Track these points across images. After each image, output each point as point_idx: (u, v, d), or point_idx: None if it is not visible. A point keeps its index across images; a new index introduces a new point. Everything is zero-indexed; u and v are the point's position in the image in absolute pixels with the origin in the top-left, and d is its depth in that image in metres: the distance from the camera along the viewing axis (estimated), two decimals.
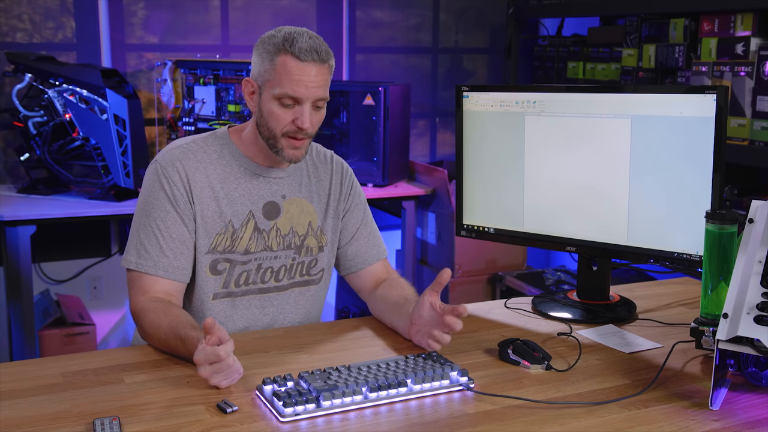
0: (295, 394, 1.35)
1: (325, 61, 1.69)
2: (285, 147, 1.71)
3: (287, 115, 1.69)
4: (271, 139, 1.72)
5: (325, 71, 1.70)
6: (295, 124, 1.69)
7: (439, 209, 3.76)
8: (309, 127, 1.69)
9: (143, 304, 1.66)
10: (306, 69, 1.66)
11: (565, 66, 3.93)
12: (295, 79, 1.66)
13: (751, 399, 1.44)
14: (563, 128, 1.89)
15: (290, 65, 1.66)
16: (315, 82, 1.67)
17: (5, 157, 3.48)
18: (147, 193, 1.74)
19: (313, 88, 1.67)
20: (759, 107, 2.67)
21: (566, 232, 1.93)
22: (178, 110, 3.60)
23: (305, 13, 3.97)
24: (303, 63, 1.66)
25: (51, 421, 1.31)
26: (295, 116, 1.68)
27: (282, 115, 1.69)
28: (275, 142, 1.72)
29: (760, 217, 1.44)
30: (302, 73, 1.66)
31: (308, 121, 1.68)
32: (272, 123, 1.70)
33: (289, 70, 1.66)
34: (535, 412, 1.38)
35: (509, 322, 1.86)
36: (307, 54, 1.66)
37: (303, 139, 1.71)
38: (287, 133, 1.70)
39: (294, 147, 1.71)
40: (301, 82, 1.66)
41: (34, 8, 3.47)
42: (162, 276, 1.70)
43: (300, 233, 1.83)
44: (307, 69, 1.66)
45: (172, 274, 1.71)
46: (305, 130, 1.69)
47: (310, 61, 1.66)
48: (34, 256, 3.37)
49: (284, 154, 1.72)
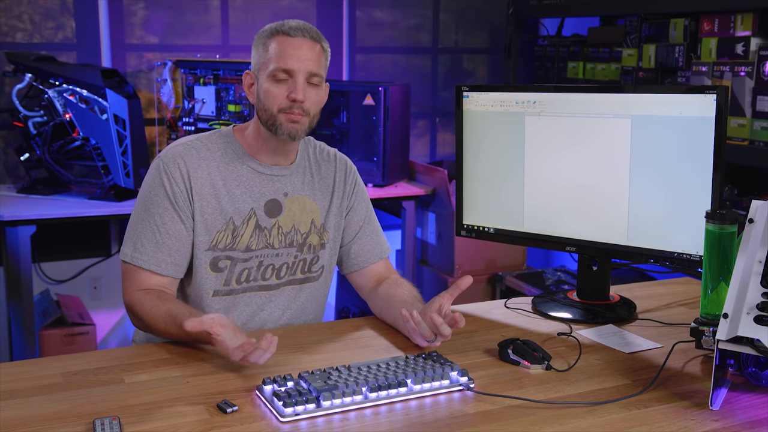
0: (295, 394, 1.35)
1: (316, 40, 1.74)
2: (283, 122, 1.73)
3: (281, 90, 1.72)
4: (270, 119, 1.74)
5: (318, 50, 1.74)
6: (289, 98, 1.71)
7: (439, 209, 3.76)
8: (303, 98, 1.71)
9: (137, 296, 1.70)
10: (296, 43, 1.71)
11: (565, 66, 3.92)
12: (286, 53, 1.71)
13: (751, 399, 1.44)
14: (563, 128, 1.88)
15: (281, 42, 1.72)
16: (306, 56, 1.71)
17: (5, 157, 3.48)
18: (148, 188, 1.76)
19: (305, 61, 1.71)
20: (759, 107, 2.67)
21: (566, 232, 1.93)
22: (178, 110, 3.60)
23: (305, 12, 3.97)
24: (293, 38, 1.72)
25: (51, 421, 1.31)
26: (289, 90, 1.71)
27: (276, 92, 1.72)
28: (274, 121, 1.73)
29: (760, 217, 1.44)
30: (293, 47, 1.71)
31: (301, 92, 1.71)
32: (269, 102, 1.73)
33: (281, 46, 1.72)
34: (535, 412, 1.38)
35: (509, 322, 1.86)
36: (297, 31, 1.72)
37: (300, 115, 1.73)
38: (284, 109, 1.72)
39: (291, 121, 1.73)
40: (292, 55, 1.71)
41: (34, 8, 3.47)
42: (156, 271, 1.72)
43: (302, 231, 1.83)
44: (297, 43, 1.71)
45: (166, 270, 1.73)
46: (299, 103, 1.71)
47: (300, 37, 1.72)
48: (34, 256, 3.37)
49: (282, 129, 1.73)
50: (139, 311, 1.67)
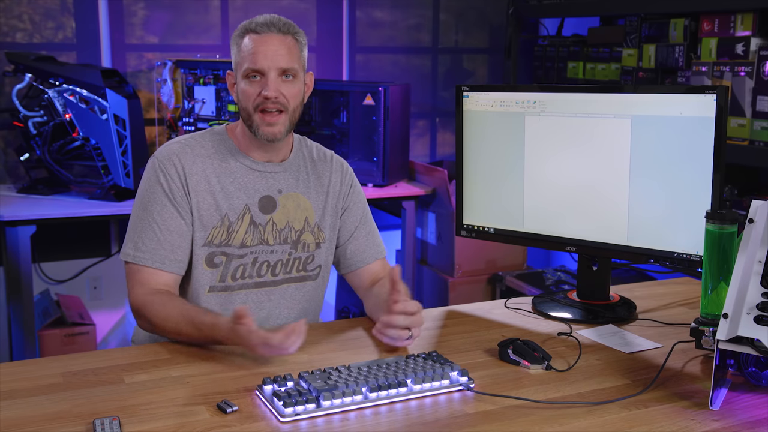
0: (295, 394, 1.35)
1: (285, 33, 1.74)
2: (259, 124, 1.75)
3: (254, 88, 1.74)
4: (248, 119, 1.76)
5: (289, 42, 1.74)
6: (261, 95, 1.72)
7: (439, 209, 3.76)
8: (274, 94, 1.72)
9: (143, 298, 1.69)
10: (264, 39, 1.72)
11: (565, 66, 3.93)
12: (255, 51, 1.72)
13: (751, 399, 1.44)
14: (563, 128, 1.89)
15: (251, 41, 1.73)
16: (275, 52, 1.72)
17: (5, 157, 3.48)
18: (145, 187, 1.77)
19: (273, 57, 1.72)
20: (759, 107, 2.67)
21: (566, 232, 1.93)
22: (178, 110, 3.60)
23: (305, 12, 3.97)
24: (260, 35, 1.72)
25: (51, 421, 1.31)
26: (261, 88, 1.73)
27: (249, 90, 1.74)
28: (251, 122, 1.75)
29: (760, 217, 1.44)
30: (261, 44, 1.72)
31: (273, 88, 1.72)
32: (244, 101, 1.75)
33: (250, 45, 1.73)
34: (535, 412, 1.38)
35: (509, 322, 1.86)
36: (263, 27, 1.73)
37: (276, 114, 1.74)
38: (258, 106, 1.73)
39: (267, 123, 1.74)
40: (261, 53, 1.72)
41: (34, 8, 3.47)
42: (159, 268, 1.72)
43: (296, 228, 1.84)
44: (265, 39, 1.72)
45: (170, 267, 1.73)
46: (271, 99, 1.72)
47: (267, 32, 1.72)
48: (34, 256, 3.37)
49: (260, 132, 1.75)
50: (148, 312, 1.67)
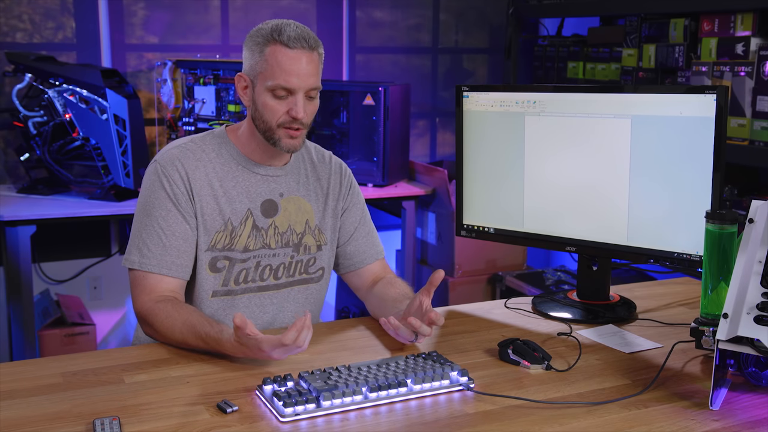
0: (295, 394, 1.35)
1: (314, 48, 1.71)
2: (282, 137, 1.74)
3: (281, 106, 1.71)
4: (268, 131, 1.74)
5: (315, 59, 1.72)
6: (289, 114, 1.71)
7: (439, 209, 3.76)
8: (303, 116, 1.71)
9: (150, 305, 1.67)
10: (296, 57, 1.68)
11: (565, 66, 3.92)
12: (286, 70, 1.68)
13: (751, 399, 1.44)
14: (563, 128, 1.88)
15: (280, 54, 1.68)
16: (306, 71, 1.70)
17: (5, 157, 3.48)
18: (147, 192, 1.75)
19: (305, 77, 1.70)
20: (759, 107, 2.67)
21: (566, 232, 1.93)
22: (178, 110, 3.60)
23: (305, 12, 3.97)
24: (292, 50, 1.68)
25: (51, 421, 1.31)
26: (289, 107, 1.71)
27: (276, 107, 1.71)
28: (272, 134, 1.74)
29: (760, 217, 1.44)
30: (293, 63, 1.68)
31: (302, 111, 1.71)
32: (267, 115, 1.72)
33: (280, 60, 1.68)
34: (535, 412, 1.38)
35: (509, 322, 1.86)
36: (295, 42, 1.68)
37: (299, 129, 1.73)
38: (283, 123, 1.72)
39: (291, 137, 1.74)
40: (293, 72, 1.68)
41: (34, 8, 3.47)
42: (166, 274, 1.71)
43: (298, 231, 1.84)
44: (297, 57, 1.69)
45: (176, 272, 1.72)
46: (300, 120, 1.71)
47: (299, 48, 1.69)
48: (34, 256, 3.37)
49: (282, 144, 1.74)
50: (154, 321, 1.65)
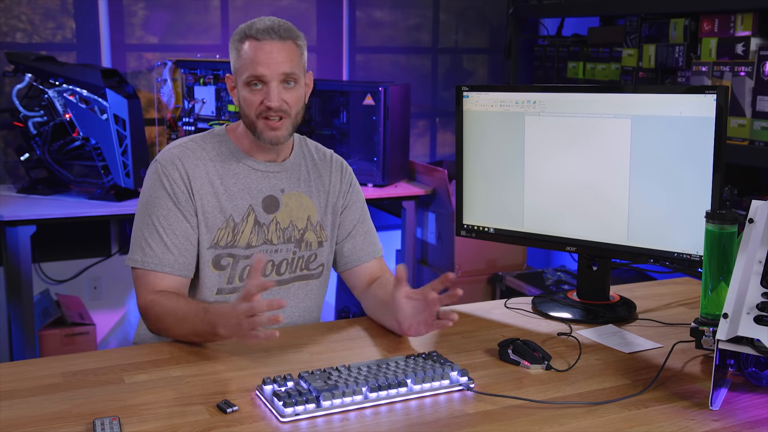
0: (295, 394, 1.35)
1: (285, 38, 1.74)
2: (263, 129, 1.76)
3: (257, 96, 1.74)
4: (251, 125, 1.77)
5: (289, 48, 1.74)
6: (263, 104, 1.73)
7: (439, 209, 3.76)
8: (276, 104, 1.72)
9: (151, 297, 1.69)
10: (264, 47, 1.72)
11: (565, 66, 3.92)
12: (255, 60, 1.72)
13: (751, 399, 1.44)
14: (563, 128, 1.88)
15: (250, 47, 1.73)
16: (276, 59, 1.72)
17: (5, 157, 3.48)
18: (148, 192, 1.77)
19: (275, 65, 1.72)
20: (759, 107, 2.67)
21: (566, 232, 1.93)
22: (178, 110, 3.60)
23: (305, 12, 3.97)
24: (261, 42, 1.72)
25: (51, 421, 1.31)
26: (263, 97, 1.73)
27: (251, 98, 1.74)
28: (254, 127, 1.76)
29: (760, 217, 1.44)
30: (261, 52, 1.72)
31: (276, 99, 1.72)
32: (246, 108, 1.76)
33: (249, 53, 1.73)
34: (535, 412, 1.38)
35: (509, 322, 1.86)
36: (264, 33, 1.72)
37: (281, 119, 1.75)
38: (260, 114, 1.74)
39: (271, 128, 1.75)
40: (261, 62, 1.72)
41: (34, 8, 3.47)
42: (168, 272, 1.72)
43: (299, 227, 1.84)
44: (266, 47, 1.72)
45: (178, 270, 1.73)
46: (274, 108, 1.73)
47: (268, 39, 1.72)
48: (34, 256, 3.37)
49: (264, 136, 1.76)
50: (153, 315, 1.67)
